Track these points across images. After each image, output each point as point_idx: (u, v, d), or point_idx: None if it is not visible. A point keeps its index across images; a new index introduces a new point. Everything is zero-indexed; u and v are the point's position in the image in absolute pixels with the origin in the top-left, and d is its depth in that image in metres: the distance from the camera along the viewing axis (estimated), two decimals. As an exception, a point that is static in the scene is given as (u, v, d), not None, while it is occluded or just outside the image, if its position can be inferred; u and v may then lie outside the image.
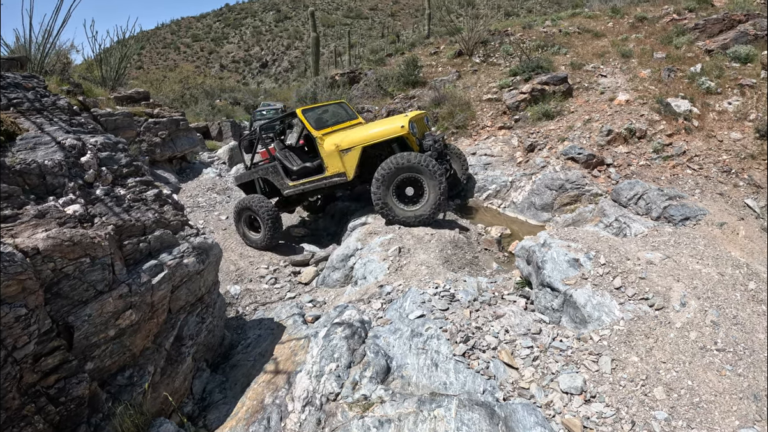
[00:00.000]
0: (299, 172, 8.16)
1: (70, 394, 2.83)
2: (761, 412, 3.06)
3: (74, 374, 2.89)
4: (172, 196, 4.52)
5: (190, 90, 30.79)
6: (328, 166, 7.65)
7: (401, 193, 6.96)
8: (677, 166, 7.68)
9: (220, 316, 4.71)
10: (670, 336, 3.65)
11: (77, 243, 2.98)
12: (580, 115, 9.43)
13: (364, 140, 7.30)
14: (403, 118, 7.31)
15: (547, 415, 3.26)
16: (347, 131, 7.82)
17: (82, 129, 4.07)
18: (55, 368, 2.79)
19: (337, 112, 8.80)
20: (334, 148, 7.45)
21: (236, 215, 8.27)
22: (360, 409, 3.33)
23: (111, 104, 11.06)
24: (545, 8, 45.03)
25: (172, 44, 74.41)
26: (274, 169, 8.32)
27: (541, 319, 4.42)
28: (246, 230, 8.25)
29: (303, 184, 8.05)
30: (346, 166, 7.48)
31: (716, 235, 5.70)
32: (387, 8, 75.60)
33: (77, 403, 2.87)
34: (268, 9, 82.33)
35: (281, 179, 8.26)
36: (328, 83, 15.57)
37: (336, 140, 7.51)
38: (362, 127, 7.84)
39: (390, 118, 8.14)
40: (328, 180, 7.74)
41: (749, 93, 8.75)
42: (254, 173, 8.68)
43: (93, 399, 3.03)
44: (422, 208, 6.79)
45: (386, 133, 7.21)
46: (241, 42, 72.80)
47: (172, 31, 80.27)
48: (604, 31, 13.76)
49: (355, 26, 64.33)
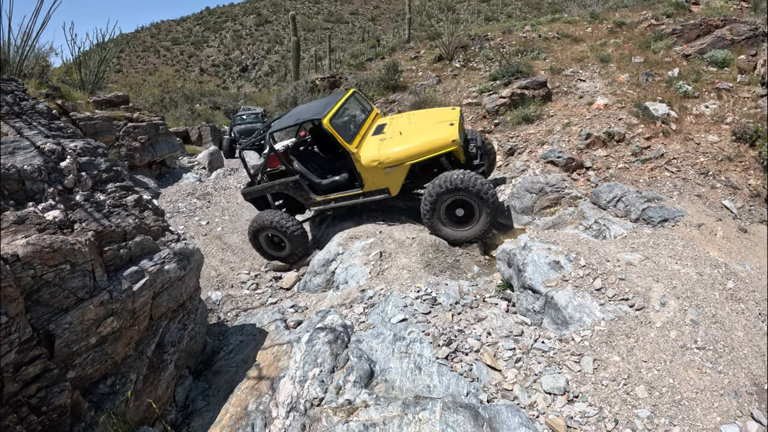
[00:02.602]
0: (328, 188, 7.44)
1: (52, 404, 2.78)
2: (742, 408, 3.11)
3: (56, 383, 2.84)
4: (152, 202, 4.46)
5: (169, 94, 30.63)
6: (367, 181, 7.02)
7: (451, 213, 6.65)
8: (655, 168, 7.78)
9: (202, 323, 4.66)
10: (651, 335, 3.69)
11: (57, 249, 2.93)
12: (560, 119, 9.51)
13: (411, 156, 6.71)
14: (452, 130, 6.72)
15: (531, 416, 3.27)
16: (385, 139, 7.09)
17: (62, 133, 4.02)
18: (36, 377, 2.74)
19: (354, 109, 8.09)
20: (376, 165, 6.81)
21: (253, 236, 7.54)
22: (344, 413, 3.32)
23: (90, 108, 10.97)
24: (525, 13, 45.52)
25: (152, 48, 73.90)
26: (296, 184, 7.39)
27: (522, 321, 4.45)
28: (268, 250, 7.60)
29: (335, 200, 7.36)
30: (390, 183, 6.94)
31: (694, 236, 5.78)
32: (368, 13, 75.85)
33: (60, 413, 2.82)
34: (249, 13, 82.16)
35: (305, 194, 7.43)
36: (309, 87, 15.55)
37: (374, 154, 6.84)
38: (404, 137, 6.99)
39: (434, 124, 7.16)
40: (368, 196, 7.16)
41: (726, 96, 8.91)
42: (271, 188, 7.65)
43: (75, 408, 2.98)
44: (472, 230, 6.59)
45: (435, 147, 6.67)
46: (221, 46, 72.56)
47: (152, 35, 79.78)
48: (583, 36, 13.92)
49: (336, 30, 64.44)
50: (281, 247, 7.52)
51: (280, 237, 7.40)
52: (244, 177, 12.74)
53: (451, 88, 12.71)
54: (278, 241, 7.50)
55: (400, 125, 7.46)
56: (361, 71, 15.86)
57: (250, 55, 68.07)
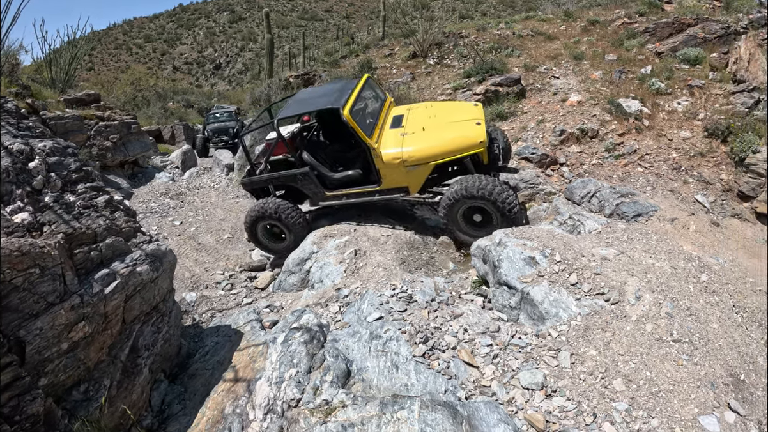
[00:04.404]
0: (340, 182, 7.02)
1: (24, 412, 2.69)
2: (719, 399, 3.14)
3: (28, 391, 2.75)
4: (124, 202, 4.37)
5: (142, 92, 30.23)
6: (386, 178, 6.63)
7: (468, 217, 6.43)
8: (629, 164, 7.87)
9: (177, 325, 4.58)
10: (627, 329, 3.71)
11: (26, 253, 2.83)
12: (534, 116, 9.57)
13: (437, 156, 6.38)
14: (480, 131, 6.38)
15: (509, 412, 3.26)
16: (406, 134, 6.69)
17: (30, 133, 3.91)
18: (7, 385, 2.65)
19: (369, 98, 7.55)
20: (398, 163, 6.44)
21: (250, 225, 7.21)
22: (322, 414, 3.27)
23: (60, 107, 10.75)
24: (499, 11, 45.82)
25: (124, 45, 72.87)
26: (305, 176, 6.93)
27: (499, 317, 4.44)
28: (265, 241, 7.32)
29: (347, 196, 6.97)
30: (410, 182, 6.61)
31: (668, 230, 5.86)
32: (342, 10, 75.69)
33: (33, 422, 2.73)
34: (222, 10, 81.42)
35: (314, 188, 7.00)
36: (282, 85, 15.43)
37: (396, 150, 6.47)
38: (429, 134, 6.60)
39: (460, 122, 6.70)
40: (385, 194, 6.80)
41: (698, 93, 9.06)
42: (276, 179, 7.22)
43: (49, 416, 2.89)
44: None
45: (463, 147, 6.33)
46: (195, 43, 71.78)
47: (124, 32, 78.65)
48: (557, 34, 14.03)
49: (310, 28, 64.15)
50: (281, 238, 7.30)
51: (280, 227, 7.13)
52: (218, 176, 12.58)
53: (425, 85, 12.71)
54: (278, 232, 7.26)
55: (421, 119, 7.05)
56: (335, 69, 15.79)
57: (224, 52, 67.46)
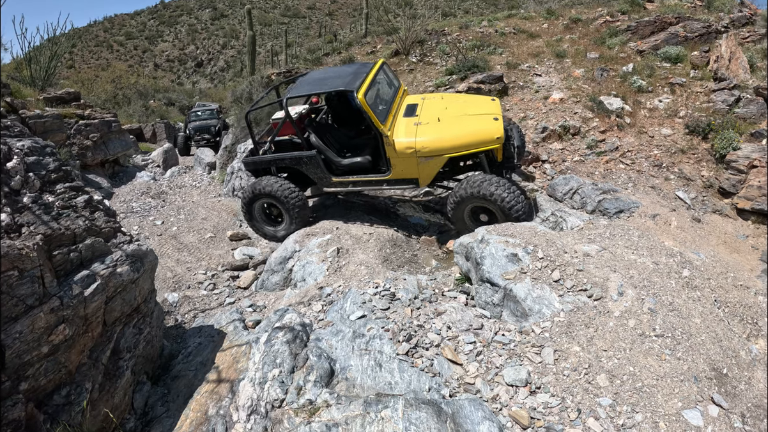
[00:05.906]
0: (348, 168, 6.78)
1: (6, 418, 2.65)
2: (702, 393, 3.17)
3: (9, 396, 2.71)
4: (104, 202, 4.29)
5: (122, 90, 29.94)
6: (396, 168, 6.46)
7: (475, 215, 6.38)
8: (610, 161, 7.92)
9: (159, 326, 4.52)
10: (610, 325, 3.73)
11: (4, 255, 2.78)
12: (516, 113, 9.58)
13: (452, 149, 6.20)
14: (498, 126, 6.21)
15: (494, 409, 3.27)
16: (420, 124, 6.47)
17: (8, 132, 3.83)
18: (-12, 391, 2.60)
19: (383, 84, 7.28)
20: (410, 153, 6.27)
21: (247, 203, 7.00)
22: (306, 414, 3.25)
23: (40, 105, 10.60)
24: (482, 9, 45.91)
25: (105, 42, 71.98)
26: (311, 159, 6.72)
27: (482, 314, 4.44)
28: (260, 223, 7.10)
29: (353, 183, 6.79)
30: (421, 174, 6.43)
31: (650, 227, 5.90)
32: (325, 7, 75.40)
33: (14, 427, 2.69)
34: (204, 6, 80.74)
35: (320, 173, 6.79)
36: (265, 83, 15.32)
37: (409, 140, 6.28)
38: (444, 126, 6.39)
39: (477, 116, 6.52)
40: (393, 185, 6.65)
41: (679, 91, 9.15)
42: (281, 160, 6.98)
43: (30, 421, 2.85)
44: None
45: (479, 142, 6.18)
46: (176, 40, 71.13)
47: (105, 29, 77.67)
48: (539, 32, 14.06)
49: (293, 25, 63.78)
50: (277, 221, 7.11)
51: (279, 208, 6.94)
52: (200, 175, 12.47)
53: (407, 82, 12.67)
54: (276, 214, 7.08)
55: (436, 110, 6.83)
56: (318, 66, 15.71)
57: (206, 50, 66.92)
